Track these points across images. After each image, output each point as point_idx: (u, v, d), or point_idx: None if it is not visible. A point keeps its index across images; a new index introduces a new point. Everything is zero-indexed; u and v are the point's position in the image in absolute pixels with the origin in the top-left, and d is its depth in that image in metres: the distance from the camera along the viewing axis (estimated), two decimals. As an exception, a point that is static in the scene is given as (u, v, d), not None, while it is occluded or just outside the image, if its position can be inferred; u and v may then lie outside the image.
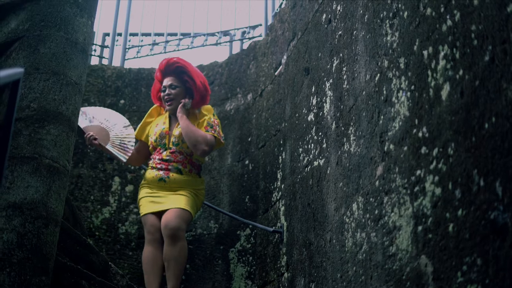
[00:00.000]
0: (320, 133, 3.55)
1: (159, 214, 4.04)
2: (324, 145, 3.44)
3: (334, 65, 3.45)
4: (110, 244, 5.05)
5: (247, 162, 5.08)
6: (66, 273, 2.83)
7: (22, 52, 2.89)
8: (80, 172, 5.30)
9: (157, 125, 4.35)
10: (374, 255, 2.55)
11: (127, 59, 6.51)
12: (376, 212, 2.60)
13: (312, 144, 3.66)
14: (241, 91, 5.50)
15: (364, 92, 2.93)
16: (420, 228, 2.20)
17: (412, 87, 2.41)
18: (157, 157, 4.20)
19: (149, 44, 6.64)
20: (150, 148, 4.31)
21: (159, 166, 4.15)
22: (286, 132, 4.30)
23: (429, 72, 2.28)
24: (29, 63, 2.85)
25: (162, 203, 4.06)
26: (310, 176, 3.61)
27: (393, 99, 2.58)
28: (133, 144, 4.32)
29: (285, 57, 4.63)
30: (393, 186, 2.47)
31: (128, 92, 5.75)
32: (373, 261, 2.56)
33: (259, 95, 5.18)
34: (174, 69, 4.35)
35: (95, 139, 4.23)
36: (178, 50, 6.62)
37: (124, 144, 4.28)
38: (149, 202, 4.10)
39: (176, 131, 4.22)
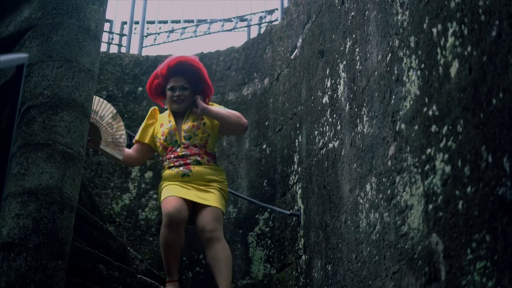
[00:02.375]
0: (334, 115, 3.54)
1: (185, 200, 3.92)
2: (339, 127, 3.43)
3: (347, 46, 3.44)
4: (130, 230, 5.10)
5: (264, 146, 5.09)
6: (83, 258, 2.87)
7: (35, 41, 2.92)
8: (100, 160, 5.35)
9: (161, 125, 4.22)
10: (387, 235, 2.55)
11: (144, 47, 6.54)
12: (389, 192, 2.59)
13: (327, 126, 3.65)
14: (258, 75, 5.49)
15: (376, 73, 2.91)
16: (430, 206, 2.19)
17: (422, 65, 2.39)
18: (172, 155, 4.08)
19: (166, 31, 6.65)
20: (160, 149, 4.17)
21: (177, 163, 4.03)
22: (302, 115, 4.30)
23: (439, 50, 2.26)
24: (42, 51, 2.87)
25: (190, 190, 3.95)
26: (326, 158, 3.61)
27: (404, 78, 2.56)
28: (125, 137, 4.11)
29: (300, 40, 4.62)
30: (404, 166, 2.46)
31: (146, 80, 5.75)
32: (386, 241, 2.56)
33: (275, 79, 5.17)
34: (186, 69, 4.20)
35: (88, 140, 3.86)
36: (196, 36, 6.64)
37: (116, 139, 4.04)
38: (175, 187, 3.97)
39: (185, 126, 4.12)
